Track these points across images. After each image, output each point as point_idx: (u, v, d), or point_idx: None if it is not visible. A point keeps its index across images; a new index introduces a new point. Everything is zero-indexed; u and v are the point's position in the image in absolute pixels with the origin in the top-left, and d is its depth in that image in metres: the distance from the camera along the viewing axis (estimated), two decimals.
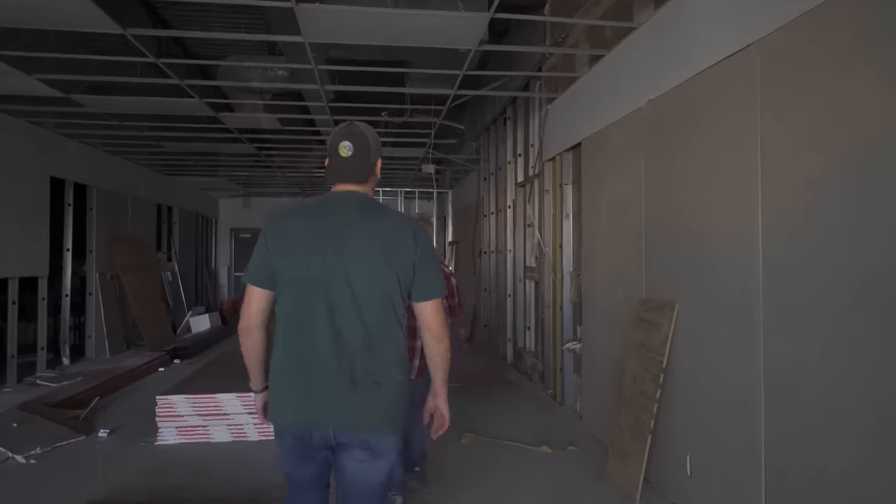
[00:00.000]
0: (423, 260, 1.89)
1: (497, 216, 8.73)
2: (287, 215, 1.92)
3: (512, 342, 7.74)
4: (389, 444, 1.89)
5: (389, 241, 1.87)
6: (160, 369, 7.45)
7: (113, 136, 7.73)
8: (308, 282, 1.83)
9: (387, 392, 1.87)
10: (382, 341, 1.86)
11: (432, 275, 1.92)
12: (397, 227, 1.90)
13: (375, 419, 1.85)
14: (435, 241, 13.97)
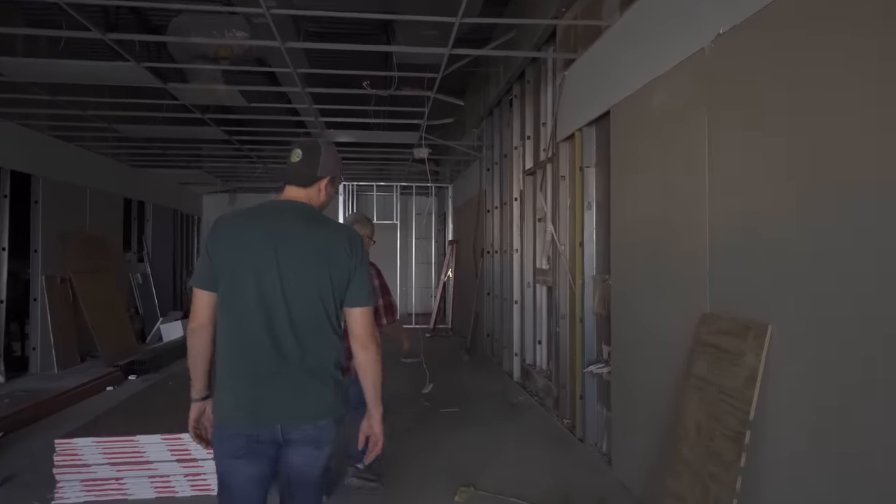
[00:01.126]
0: (358, 269, 1.99)
1: (502, 211, 7.66)
2: (229, 220, 1.99)
3: (519, 357, 6.66)
4: (330, 435, 1.98)
5: (325, 248, 1.96)
6: (108, 388, 6.39)
7: (58, 118, 6.69)
8: (244, 284, 1.91)
9: (327, 388, 1.96)
10: (316, 342, 1.95)
11: (364, 284, 2.00)
12: (334, 235, 1.99)
13: (318, 412, 1.94)
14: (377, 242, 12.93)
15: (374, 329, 2.03)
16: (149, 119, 6.85)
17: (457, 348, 9.11)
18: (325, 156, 2.05)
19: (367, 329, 2.00)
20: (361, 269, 2.00)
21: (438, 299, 11.70)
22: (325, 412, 1.94)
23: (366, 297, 2.00)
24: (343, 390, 2.02)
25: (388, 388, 4.67)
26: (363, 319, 2.00)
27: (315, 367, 1.93)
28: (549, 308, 5.75)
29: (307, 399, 1.92)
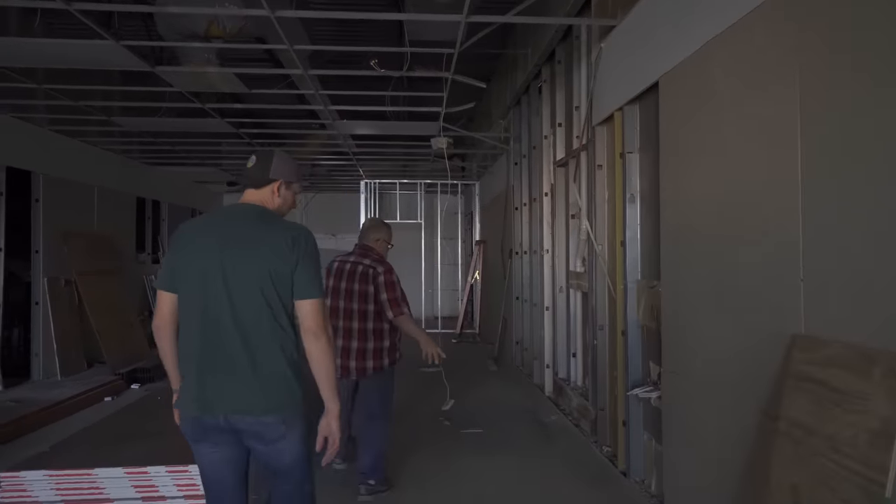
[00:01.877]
0: (301, 263, 2.05)
1: (531, 207, 6.99)
2: (188, 225, 2.21)
3: (551, 370, 5.98)
4: (279, 432, 2.02)
5: (264, 245, 2.04)
6: (106, 399, 5.94)
7: (56, 110, 6.29)
8: (194, 285, 2.04)
9: (271, 381, 2.02)
10: (261, 335, 2.01)
11: (310, 276, 2.06)
12: (276, 232, 2.07)
13: (262, 407, 2.00)
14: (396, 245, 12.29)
15: (325, 321, 2.07)
16: (150, 111, 6.39)
17: (483, 356, 8.47)
18: (278, 161, 2.19)
19: (317, 320, 2.05)
20: (306, 263, 2.05)
21: (465, 303, 11.07)
22: (266, 408, 2.00)
23: (312, 290, 2.06)
24: (292, 386, 2.05)
25: (395, 398, 4.17)
26: (311, 311, 2.05)
27: (261, 362, 2.01)
28: (584, 317, 5.07)
29: (248, 392, 2.00)
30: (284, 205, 2.21)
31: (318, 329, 2.03)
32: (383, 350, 3.64)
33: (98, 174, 8.21)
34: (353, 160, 9.98)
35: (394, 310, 3.59)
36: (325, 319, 2.07)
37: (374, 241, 3.86)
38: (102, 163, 8.37)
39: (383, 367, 3.63)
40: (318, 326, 2.03)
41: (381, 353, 3.63)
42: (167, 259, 2.14)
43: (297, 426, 2.06)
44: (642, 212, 3.75)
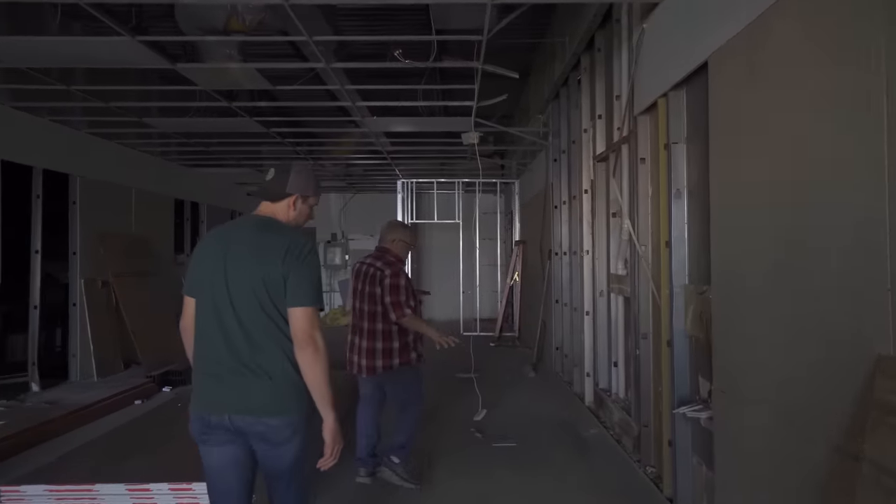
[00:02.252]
0: (294, 270, 2.06)
1: (570, 206, 6.63)
2: (211, 232, 2.30)
3: (592, 379, 5.61)
4: (285, 435, 2.06)
5: (260, 252, 2.09)
6: (136, 402, 5.90)
7: (91, 112, 6.29)
8: (204, 288, 2.13)
9: (280, 385, 2.05)
10: (262, 339, 2.06)
11: (302, 284, 2.07)
12: (273, 240, 2.11)
13: (264, 409, 2.04)
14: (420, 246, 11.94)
15: (314, 330, 2.05)
16: (180, 111, 6.33)
17: (521, 361, 8.13)
18: (296, 175, 2.23)
19: (303, 329, 2.03)
20: (298, 269, 2.06)
21: (504, 305, 10.74)
22: (272, 410, 2.04)
23: (302, 298, 2.06)
24: (296, 390, 2.07)
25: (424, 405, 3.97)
26: (299, 320, 2.05)
27: (263, 365, 2.05)
28: (627, 324, 4.69)
29: (251, 394, 2.04)
30: (299, 217, 2.27)
31: (303, 338, 2.02)
32: (392, 350, 3.73)
33: (135, 176, 8.26)
34: (388, 160, 9.79)
35: (396, 312, 3.68)
36: (314, 328, 2.04)
37: (391, 242, 3.93)
38: (140, 165, 8.42)
39: (393, 366, 3.74)
40: (303, 335, 2.02)
41: (391, 353, 3.73)
42: (189, 265, 2.25)
43: (302, 430, 2.11)
44: (690, 208, 3.37)
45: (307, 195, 2.25)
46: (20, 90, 5.47)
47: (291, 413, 2.06)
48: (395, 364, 3.74)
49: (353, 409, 4.00)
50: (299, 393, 2.07)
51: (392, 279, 3.72)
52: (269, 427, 2.02)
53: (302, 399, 2.08)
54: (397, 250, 3.92)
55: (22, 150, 6.15)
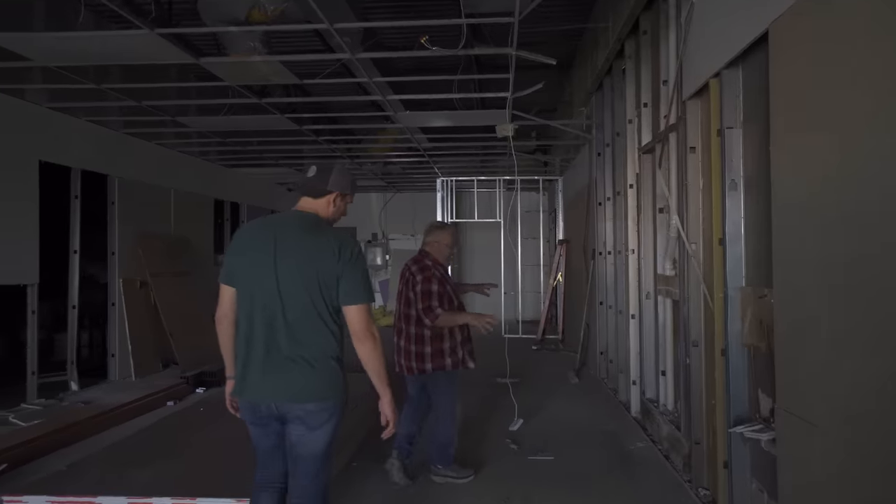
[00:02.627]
0: (346, 270, 2.22)
1: (615, 202, 6.25)
2: (246, 227, 2.44)
3: (638, 388, 5.23)
4: (322, 419, 2.22)
5: (314, 251, 2.24)
6: (168, 403, 5.85)
7: (127, 112, 6.30)
8: (249, 281, 2.25)
9: (314, 374, 2.21)
10: (308, 334, 2.21)
11: (354, 283, 2.24)
12: (325, 240, 2.26)
13: (304, 395, 2.20)
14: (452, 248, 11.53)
15: (369, 324, 2.22)
16: (214, 109, 6.26)
17: (564, 366, 7.76)
18: (337, 173, 2.36)
19: (361, 324, 2.21)
20: (352, 270, 2.22)
21: (547, 307, 10.36)
22: (310, 395, 2.19)
23: (358, 296, 2.22)
24: (335, 378, 2.23)
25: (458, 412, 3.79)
26: (356, 316, 2.22)
27: (306, 355, 2.19)
28: (676, 328, 4.31)
29: (294, 382, 2.18)
30: (337, 213, 2.40)
31: (362, 332, 2.21)
32: (425, 355, 3.71)
33: (175, 176, 8.30)
34: (425, 157, 9.58)
35: (427, 318, 3.63)
36: (369, 322, 2.23)
37: (430, 244, 3.90)
38: (179, 165, 8.47)
39: (425, 370, 3.71)
40: (361, 330, 2.21)
41: (423, 357, 3.71)
42: (228, 257, 2.34)
43: (337, 415, 2.24)
44: (747, 201, 3.00)
45: (346, 193, 2.39)
46: (57, 90, 5.49)
47: (328, 399, 2.21)
48: (427, 368, 3.71)
49: None
50: (337, 381, 2.24)
51: (423, 285, 3.67)
52: (308, 412, 2.18)
53: (338, 387, 2.24)
54: (435, 252, 3.87)
55: (60, 151, 6.21)
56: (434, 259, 3.85)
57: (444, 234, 3.90)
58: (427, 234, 3.95)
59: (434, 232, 3.93)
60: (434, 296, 3.65)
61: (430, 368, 3.71)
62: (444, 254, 3.88)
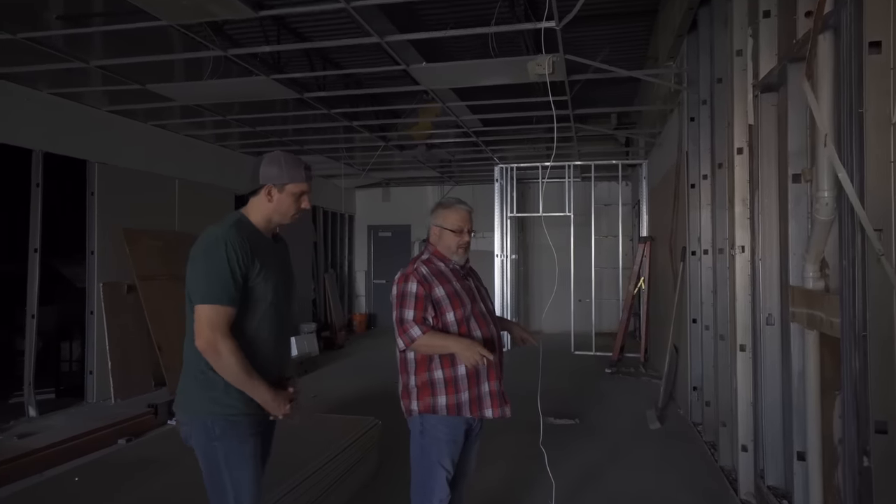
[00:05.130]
0: (190, 264, 2.02)
1: (713, 180, 4.45)
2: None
3: (750, 458, 3.40)
4: (187, 433, 2.09)
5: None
6: (120, 441, 4.63)
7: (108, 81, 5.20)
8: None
9: (185, 383, 2.10)
10: (186, 341, 2.06)
11: (193, 278, 2.00)
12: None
13: (179, 406, 2.12)
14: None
15: (209, 331, 1.94)
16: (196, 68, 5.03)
17: (644, 400, 5.93)
18: (266, 164, 2.10)
19: (198, 330, 1.96)
20: (192, 263, 2.01)
21: (626, 319, 8.48)
22: (180, 407, 2.09)
23: (193, 294, 1.99)
24: (198, 390, 2.04)
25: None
26: (196, 321, 1.97)
27: (185, 365, 2.08)
28: (827, 383, 2.49)
29: (178, 393, 2.12)
30: (280, 208, 2.11)
31: (199, 342, 2.00)
32: (410, 389, 2.52)
33: (181, 164, 7.22)
34: (476, 141, 8.01)
35: (401, 338, 2.44)
36: (208, 328, 1.95)
37: (431, 231, 2.67)
38: (186, 151, 7.39)
39: (411, 411, 2.52)
40: (198, 338, 1.99)
41: (409, 392, 2.52)
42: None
43: (203, 436, 2.07)
44: None
45: (282, 183, 2.08)
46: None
47: (195, 413, 2.07)
48: (413, 409, 2.49)
49: None
50: (197, 394, 2.05)
51: (396, 287, 2.50)
52: (182, 424, 2.10)
53: (200, 402, 2.06)
54: (438, 242, 2.63)
55: (12, 130, 5.19)
56: (435, 252, 2.60)
57: (447, 215, 2.58)
58: (431, 218, 2.67)
59: (435, 213, 2.66)
60: (409, 304, 2.43)
61: (415, 409, 2.48)
62: (449, 244, 2.57)
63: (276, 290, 2.10)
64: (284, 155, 2.14)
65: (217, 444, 2.00)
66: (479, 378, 2.46)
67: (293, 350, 7.91)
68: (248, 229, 2.09)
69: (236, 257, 1.96)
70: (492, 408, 2.46)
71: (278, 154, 2.13)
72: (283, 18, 4.47)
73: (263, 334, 2.08)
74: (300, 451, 3.38)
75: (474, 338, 2.45)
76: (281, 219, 2.12)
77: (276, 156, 2.12)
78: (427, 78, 4.93)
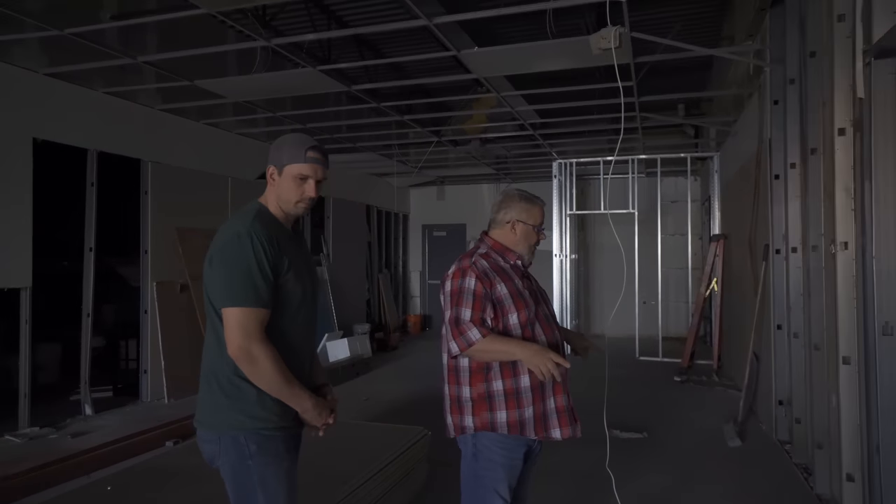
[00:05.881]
0: (212, 264, 1.79)
1: (805, 169, 3.95)
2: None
3: (859, 487, 2.91)
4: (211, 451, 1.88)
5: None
6: (167, 443, 4.54)
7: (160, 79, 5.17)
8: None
9: (205, 394, 1.88)
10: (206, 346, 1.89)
11: (219, 281, 1.76)
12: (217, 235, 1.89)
13: (197, 420, 1.91)
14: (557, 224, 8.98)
15: (242, 338, 1.69)
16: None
17: (719, 413, 5.42)
18: (274, 147, 1.89)
19: (230, 337, 1.71)
20: (216, 265, 1.77)
21: (697, 322, 7.89)
22: (198, 421, 1.87)
23: (220, 297, 1.76)
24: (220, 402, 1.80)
25: None
26: (225, 326, 1.73)
27: (204, 372, 1.86)
28: None
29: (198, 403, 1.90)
30: (281, 193, 1.85)
31: (231, 349, 1.75)
32: (462, 401, 2.16)
33: (233, 163, 7.18)
34: (534, 135, 7.63)
35: (456, 341, 2.07)
36: (240, 335, 1.71)
37: (496, 224, 2.32)
38: (238, 150, 7.35)
39: (463, 428, 2.16)
40: (230, 345, 1.74)
41: (461, 406, 2.16)
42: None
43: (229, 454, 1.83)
44: None
45: (281, 164, 1.84)
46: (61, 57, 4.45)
47: (212, 428, 1.84)
48: (466, 425, 2.14)
49: None
50: (221, 406, 1.81)
51: (451, 284, 2.14)
52: (200, 440, 1.90)
53: (223, 414, 1.81)
54: (503, 237, 2.29)
55: (68, 129, 5.21)
56: (495, 245, 2.27)
57: (530, 210, 2.27)
58: (494, 211, 2.32)
59: (510, 205, 2.28)
60: (467, 302, 2.09)
61: (469, 425, 2.13)
62: (530, 241, 2.28)
63: (304, 289, 1.85)
64: (294, 135, 1.92)
65: (251, 464, 1.77)
66: (545, 391, 2.13)
67: (345, 352, 7.76)
68: (270, 221, 1.84)
69: (264, 253, 1.73)
70: (560, 427, 2.12)
71: (289, 135, 1.92)
72: (328, 7, 4.27)
73: (294, 338, 1.84)
74: (340, 463, 3.14)
75: (539, 343, 2.13)
76: (285, 206, 1.87)
77: (284, 137, 1.92)
78: (479, 65, 4.62)
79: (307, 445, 2.00)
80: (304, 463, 3.19)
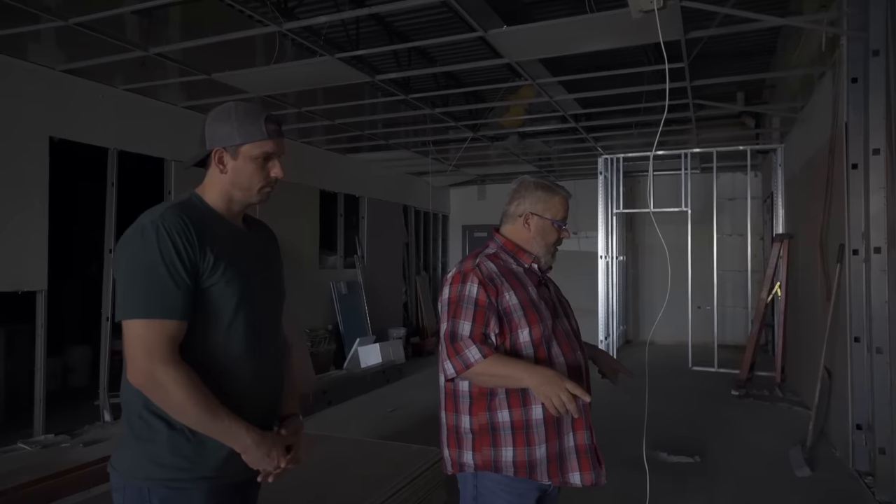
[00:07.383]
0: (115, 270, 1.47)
1: (889, 158, 3.37)
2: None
3: None
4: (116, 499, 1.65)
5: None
6: None
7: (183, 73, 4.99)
8: None
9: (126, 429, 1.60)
10: None
11: (118, 290, 1.42)
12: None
13: None
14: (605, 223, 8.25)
15: (140, 356, 1.33)
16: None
17: (784, 431, 4.81)
18: (211, 123, 1.53)
19: (127, 355, 1.37)
20: (115, 271, 1.45)
21: (758, 331, 7.21)
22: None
23: (119, 308, 1.39)
24: (128, 439, 1.45)
25: None
26: (124, 341, 1.38)
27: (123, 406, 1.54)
28: None
29: None
30: (239, 180, 1.51)
31: (129, 368, 1.40)
32: (460, 432, 1.78)
33: None
34: (576, 128, 7.13)
35: (452, 360, 1.70)
36: (139, 351, 1.35)
37: (508, 218, 1.93)
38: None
39: (462, 465, 1.78)
40: (128, 365, 1.41)
41: (459, 439, 1.78)
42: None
43: (128, 499, 1.55)
44: None
45: (233, 143, 1.48)
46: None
47: (115, 468, 1.52)
48: (465, 462, 1.77)
49: None
50: (127, 445, 1.50)
51: (449, 291, 1.78)
52: None
53: (127, 455, 1.51)
54: (513, 234, 1.91)
55: (86, 128, 5.07)
56: (506, 244, 1.90)
57: (551, 201, 1.88)
58: (507, 203, 1.94)
59: (527, 195, 1.91)
60: (466, 313, 1.73)
61: (470, 462, 1.77)
62: (549, 239, 1.89)
63: (244, 293, 1.47)
64: (238, 105, 1.54)
65: None
66: (562, 426, 1.73)
67: (377, 358, 7.45)
68: (198, 213, 1.48)
69: (175, 248, 1.36)
70: (581, 471, 1.72)
71: (229, 106, 1.53)
72: None
73: (233, 353, 1.45)
74: (343, 486, 2.79)
75: (556, 367, 1.72)
76: (244, 195, 1.53)
77: (226, 108, 1.53)
78: (510, 47, 4.19)
79: (306, 465, 1.64)
80: (300, 484, 2.87)
